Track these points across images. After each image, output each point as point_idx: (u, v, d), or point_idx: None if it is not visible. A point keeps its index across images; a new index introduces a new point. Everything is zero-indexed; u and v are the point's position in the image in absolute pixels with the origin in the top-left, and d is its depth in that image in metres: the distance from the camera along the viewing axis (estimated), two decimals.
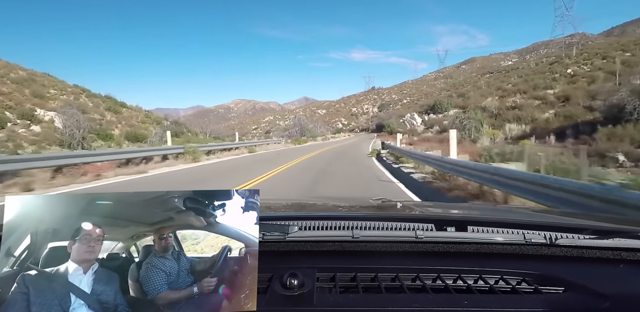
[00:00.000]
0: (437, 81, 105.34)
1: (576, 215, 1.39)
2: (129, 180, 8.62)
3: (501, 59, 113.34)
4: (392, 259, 0.86)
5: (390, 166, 11.63)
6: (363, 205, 1.55)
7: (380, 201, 1.50)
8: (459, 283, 0.75)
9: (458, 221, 1.00)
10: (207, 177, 9.14)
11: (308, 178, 8.30)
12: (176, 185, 7.57)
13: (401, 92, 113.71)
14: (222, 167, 11.65)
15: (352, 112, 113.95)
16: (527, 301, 0.66)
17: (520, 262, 0.83)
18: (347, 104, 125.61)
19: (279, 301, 0.64)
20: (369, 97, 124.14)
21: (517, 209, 1.69)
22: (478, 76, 67.17)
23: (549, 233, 0.88)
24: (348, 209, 1.45)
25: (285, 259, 0.85)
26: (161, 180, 8.66)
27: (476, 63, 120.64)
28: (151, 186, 7.48)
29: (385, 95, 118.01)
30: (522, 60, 73.79)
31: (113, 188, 7.37)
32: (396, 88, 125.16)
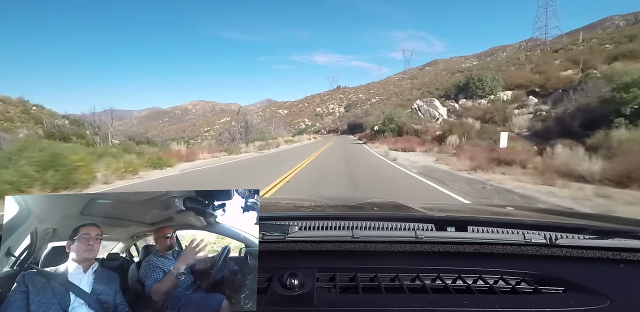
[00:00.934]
0: (402, 82, 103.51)
1: (576, 215, 1.39)
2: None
3: (462, 61, 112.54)
4: (392, 259, 0.86)
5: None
6: (363, 205, 1.55)
7: (380, 201, 1.50)
8: (459, 283, 0.75)
9: (458, 221, 1.00)
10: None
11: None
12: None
13: (368, 91, 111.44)
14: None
15: (316, 112, 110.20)
16: (527, 301, 0.66)
17: (520, 262, 0.82)
18: (310, 103, 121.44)
19: (279, 301, 0.64)
20: (335, 96, 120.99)
21: (517, 209, 1.69)
22: (448, 75, 65.76)
23: (549, 233, 0.88)
24: (348, 209, 1.45)
25: (285, 259, 0.85)
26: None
27: (439, 65, 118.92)
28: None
29: (352, 94, 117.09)
30: (485, 62, 73.31)
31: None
32: (363, 88, 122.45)
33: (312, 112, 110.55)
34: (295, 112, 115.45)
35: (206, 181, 8.06)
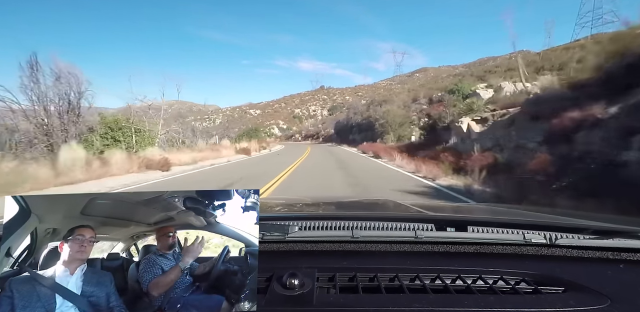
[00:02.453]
0: (393, 86, 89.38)
1: (576, 215, 1.39)
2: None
3: (450, 71, 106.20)
4: (391, 259, 0.86)
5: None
6: (363, 205, 1.55)
7: (380, 201, 1.50)
8: (459, 283, 0.75)
9: (458, 221, 1.00)
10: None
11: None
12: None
13: (356, 93, 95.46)
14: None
15: (294, 113, 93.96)
16: (527, 301, 0.66)
17: (520, 262, 0.82)
18: (288, 104, 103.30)
19: (278, 301, 0.64)
20: (318, 97, 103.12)
21: (517, 209, 1.69)
22: (443, 77, 62.33)
23: (549, 233, 0.88)
24: (348, 209, 1.45)
25: (285, 259, 0.85)
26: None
27: (429, 72, 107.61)
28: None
29: (337, 96, 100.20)
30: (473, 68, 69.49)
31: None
32: (350, 90, 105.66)
33: (289, 114, 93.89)
34: (269, 113, 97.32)
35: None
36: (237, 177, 9.31)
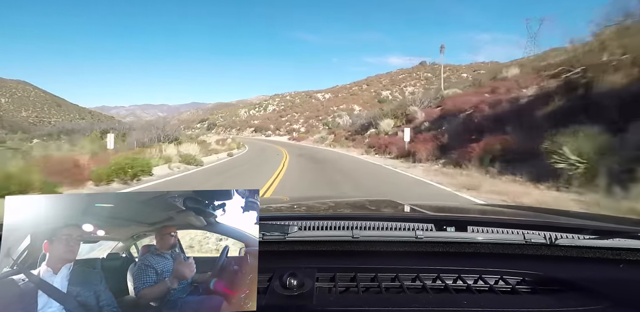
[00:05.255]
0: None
1: (576, 215, 1.39)
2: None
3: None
4: (392, 259, 0.86)
5: None
6: (363, 205, 1.55)
7: (380, 201, 1.50)
8: (459, 283, 0.75)
9: (458, 221, 1.00)
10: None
11: None
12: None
13: (474, 71, 63.50)
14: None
15: (380, 97, 65.48)
16: (527, 301, 0.66)
17: (520, 262, 0.82)
18: (372, 85, 76.35)
19: (278, 301, 0.64)
20: (417, 75, 74.42)
21: (517, 209, 1.69)
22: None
23: (549, 233, 0.88)
24: (348, 209, 1.45)
25: (285, 259, 0.85)
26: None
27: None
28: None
29: (449, 73, 67.57)
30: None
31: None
32: (465, 67, 75.42)
33: (372, 98, 66.74)
34: (343, 97, 72.81)
35: None
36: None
